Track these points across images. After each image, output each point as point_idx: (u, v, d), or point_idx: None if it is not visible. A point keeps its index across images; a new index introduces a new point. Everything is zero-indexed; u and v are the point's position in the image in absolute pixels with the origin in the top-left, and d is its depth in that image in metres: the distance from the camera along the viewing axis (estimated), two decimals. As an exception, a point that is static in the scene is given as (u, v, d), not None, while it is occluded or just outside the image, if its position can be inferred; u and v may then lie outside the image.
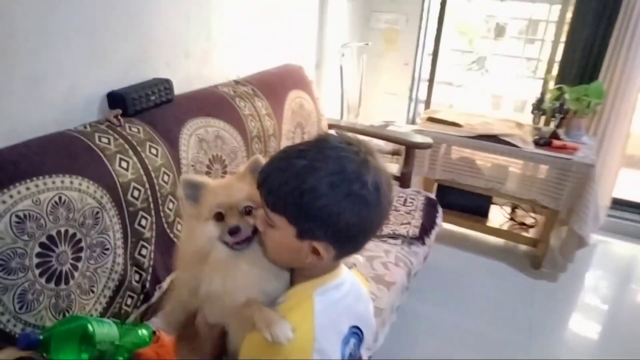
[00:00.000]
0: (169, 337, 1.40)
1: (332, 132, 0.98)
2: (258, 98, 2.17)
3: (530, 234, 3.03)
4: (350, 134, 0.94)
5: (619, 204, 3.41)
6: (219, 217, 0.93)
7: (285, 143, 2.32)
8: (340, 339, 0.92)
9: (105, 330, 1.22)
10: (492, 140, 2.72)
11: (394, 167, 2.94)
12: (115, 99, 1.57)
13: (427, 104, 3.73)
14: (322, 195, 0.79)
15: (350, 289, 0.98)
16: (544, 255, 2.86)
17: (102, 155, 1.39)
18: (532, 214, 3.17)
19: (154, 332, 1.41)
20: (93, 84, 1.55)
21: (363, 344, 1.01)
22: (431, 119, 3.00)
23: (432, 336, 2.35)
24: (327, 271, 0.93)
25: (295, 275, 0.95)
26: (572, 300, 2.77)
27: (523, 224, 3.12)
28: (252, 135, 2.03)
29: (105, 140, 1.43)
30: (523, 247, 3.11)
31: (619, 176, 3.22)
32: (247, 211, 0.94)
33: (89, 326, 1.18)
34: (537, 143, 2.69)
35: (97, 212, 1.34)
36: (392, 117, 3.55)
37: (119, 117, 1.53)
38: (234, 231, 0.91)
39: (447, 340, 2.33)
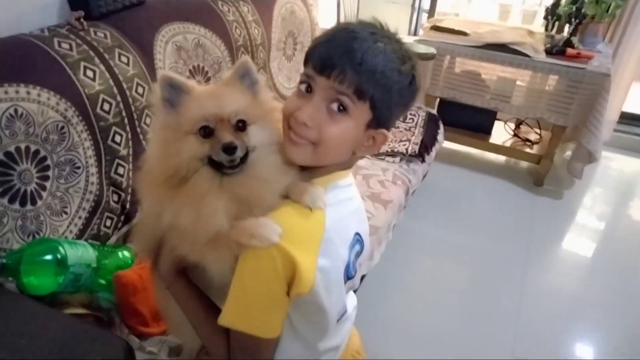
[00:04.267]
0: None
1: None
2: (243, 2, 1.94)
3: (534, 150, 2.91)
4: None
5: (627, 118, 3.26)
6: (206, 132, 0.77)
7: (275, 54, 2.13)
8: (348, 241, 0.85)
9: (80, 252, 1.14)
10: (501, 49, 2.51)
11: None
12: (77, 0, 1.38)
13: (431, 12, 3.45)
14: (414, 77, 0.79)
15: (356, 193, 0.92)
16: (547, 172, 2.77)
17: (63, 63, 1.23)
18: (537, 130, 3.04)
19: (136, 254, 1.34)
20: (49, -19, 1.36)
21: (361, 256, 0.94)
22: (435, 28, 2.76)
23: (428, 254, 2.31)
24: (340, 168, 0.86)
25: (305, 175, 0.85)
26: (575, 218, 2.70)
27: (528, 140, 2.99)
28: (237, 45, 1.84)
29: (67, 46, 1.27)
30: (526, 165, 3.01)
31: (631, 89, 3.04)
32: (240, 126, 0.78)
33: (60, 248, 1.10)
34: (549, 52, 2.48)
35: (62, 127, 1.20)
36: (393, 27, 3.29)
37: (82, 19, 1.35)
38: (229, 148, 0.74)
39: (444, 258, 2.30)
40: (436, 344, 1.81)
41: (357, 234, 0.88)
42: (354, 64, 0.73)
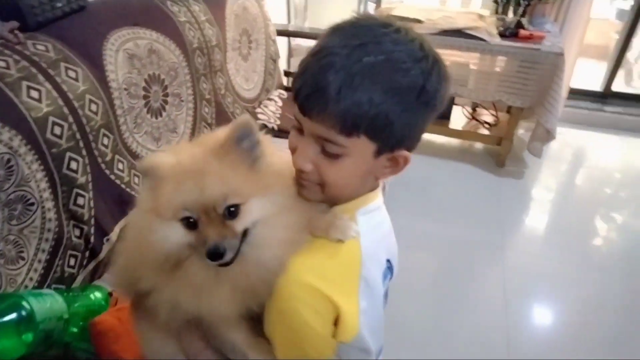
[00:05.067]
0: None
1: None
2: (194, 0, 1.79)
3: (493, 132, 2.95)
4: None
5: (573, 93, 3.38)
6: (189, 223, 0.63)
7: (231, 54, 1.99)
8: (382, 271, 0.76)
9: (48, 304, 0.98)
10: (456, 35, 2.49)
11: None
12: (8, 9, 1.19)
13: (378, 1, 3.41)
14: (425, 84, 0.63)
15: (386, 214, 0.82)
16: (508, 153, 2.81)
17: (0, 84, 1.05)
18: (493, 112, 3.08)
19: (110, 294, 1.19)
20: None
21: (391, 281, 0.86)
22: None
23: (407, 247, 2.27)
24: (367, 190, 0.75)
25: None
26: (540, 195, 2.77)
27: (486, 122, 3.02)
28: (192, 47, 1.69)
29: (3, 64, 1.08)
30: (485, 147, 3.04)
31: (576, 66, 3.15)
32: (232, 211, 0.63)
33: (24, 303, 0.93)
34: (502, 35, 2.50)
35: (9, 160, 1.03)
36: (342, 18, 3.21)
37: (17, 31, 1.16)
38: (215, 255, 0.60)
39: (421, 250, 2.26)
40: (427, 339, 1.77)
41: (388, 260, 0.79)
42: (331, 102, 0.61)
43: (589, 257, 2.27)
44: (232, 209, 0.62)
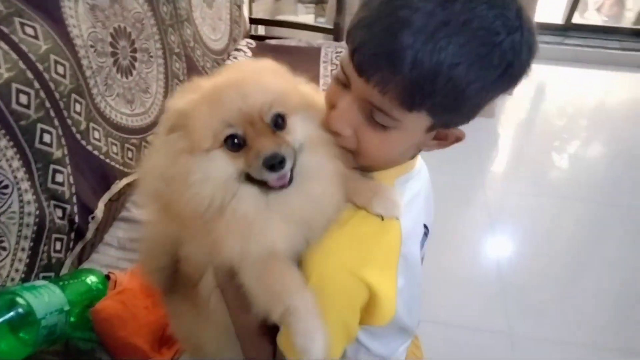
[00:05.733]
0: (128, 276, 1.09)
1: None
2: (149, -61, 1.58)
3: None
4: None
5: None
6: (235, 143, 0.54)
7: (196, 1, 1.80)
8: (419, 241, 0.71)
9: (46, 297, 0.88)
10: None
11: (320, 19, 2.53)
12: None
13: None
14: (515, 58, 0.53)
15: (425, 173, 0.75)
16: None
17: (-54, 47, 0.88)
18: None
19: (106, 276, 1.09)
20: None
21: (425, 243, 0.81)
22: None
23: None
24: (407, 159, 0.68)
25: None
26: (510, 132, 2.81)
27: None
28: (156, -6, 1.51)
29: (-56, 23, 0.90)
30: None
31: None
32: (280, 123, 0.56)
33: (19, 300, 0.83)
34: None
35: (-28, 138, 0.88)
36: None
37: (-47, -18, 0.97)
38: (275, 163, 0.52)
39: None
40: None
41: (424, 225, 0.74)
42: (402, 71, 0.50)
43: (562, 189, 2.34)
44: (279, 119, 0.56)
